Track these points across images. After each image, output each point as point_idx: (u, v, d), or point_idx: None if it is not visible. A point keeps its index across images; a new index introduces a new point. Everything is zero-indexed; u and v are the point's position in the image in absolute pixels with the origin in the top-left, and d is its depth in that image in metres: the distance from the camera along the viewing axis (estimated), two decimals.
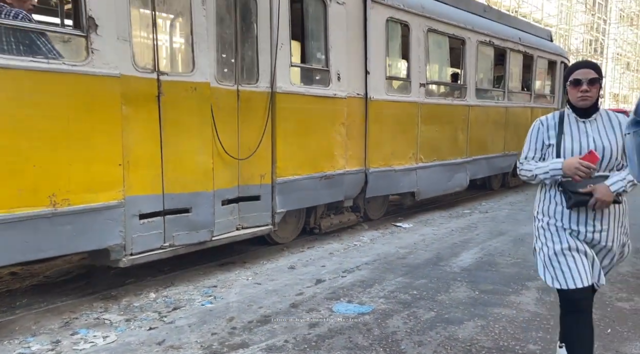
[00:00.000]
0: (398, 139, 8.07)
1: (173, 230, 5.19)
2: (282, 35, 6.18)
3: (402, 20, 8.10)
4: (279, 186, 6.22)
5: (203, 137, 5.37)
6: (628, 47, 51.64)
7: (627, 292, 4.98)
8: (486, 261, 6.08)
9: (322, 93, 6.80)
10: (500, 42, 10.65)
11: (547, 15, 38.94)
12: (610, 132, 2.92)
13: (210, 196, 5.45)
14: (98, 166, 4.54)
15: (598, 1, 48.28)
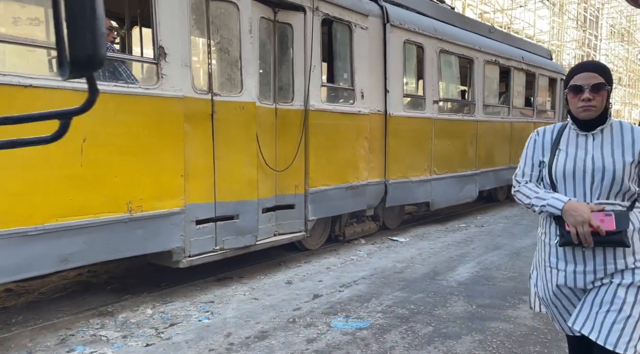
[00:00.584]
0: (414, 152, 8.68)
1: (223, 235, 5.77)
2: (315, 58, 6.78)
3: (417, 42, 8.73)
4: (311, 195, 6.80)
5: (249, 151, 5.96)
6: (619, 63, 52.08)
7: None
8: (483, 275, 6.09)
9: (348, 110, 7.42)
10: (504, 61, 11.32)
11: (539, 31, 39.34)
12: (617, 150, 2.35)
13: (254, 204, 6.04)
14: (165, 176, 5.13)
15: (589, 17, 48.70)
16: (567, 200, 2.35)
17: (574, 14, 45.47)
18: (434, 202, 9.23)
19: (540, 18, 39.61)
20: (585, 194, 2.38)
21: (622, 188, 2.34)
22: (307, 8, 6.69)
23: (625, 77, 54.08)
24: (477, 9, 30.71)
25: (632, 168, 2.35)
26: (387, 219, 8.81)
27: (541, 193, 2.46)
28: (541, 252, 2.60)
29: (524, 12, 37.20)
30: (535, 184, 2.57)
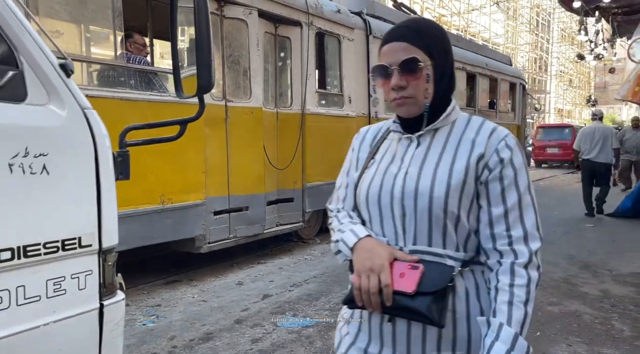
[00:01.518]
0: None
1: (235, 224, 6.50)
2: (310, 67, 7.56)
3: None
4: (308, 190, 7.59)
5: (256, 150, 6.72)
6: (570, 65, 53.82)
7: (557, 297, 5.16)
8: None
9: (338, 113, 8.23)
10: (471, 68, 12.31)
11: (494, 34, 40.35)
12: (447, 159, 1.41)
13: (262, 198, 6.81)
14: (190, 173, 5.85)
15: (541, 22, 50.24)
16: (363, 236, 1.45)
17: (527, 19, 47.01)
18: None
19: (495, 22, 40.85)
20: (396, 232, 1.45)
21: (448, 226, 1.39)
22: (304, 23, 7.47)
23: (576, 79, 56.06)
24: (434, 12, 31.50)
25: (464, 190, 1.38)
26: None
27: (345, 223, 1.55)
28: None
29: (480, 16, 38.27)
30: (348, 213, 1.61)
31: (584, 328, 4.27)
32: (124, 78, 5.41)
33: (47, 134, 1.54)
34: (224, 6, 6.37)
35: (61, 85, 1.61)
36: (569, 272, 6.09)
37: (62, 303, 1.58)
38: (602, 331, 4.22)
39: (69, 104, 1.61)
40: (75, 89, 1.66)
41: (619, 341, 3.99)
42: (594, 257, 6.80)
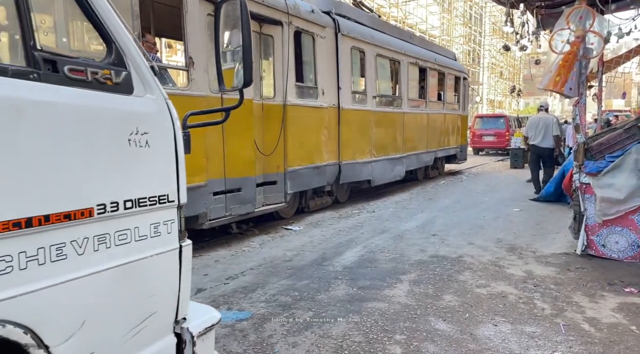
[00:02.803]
0: (359, 139, 10.35)
1: (231, 204, 7.15)
2: (290, 62, 8.26)
3: (360, 48, 10.37)
4: (289, 173, 8.29)
5: (248, 138, 7.38)
6: (500, 58, 55.64)
7: (485, 279, 5.29)
8: (367, 258, 6.21)
9: (313, 104, 8.96)
10: (423, 62, 13.28)
11: (431, 26, 40.86)
12: None
13: (253, 180, 7.49)
14: (195, 158, 6.44)
15: (474, 15, 51.19)
16: None
17: (461, 12, 47.50)
18: (374, 180, 10.99)
19: (431, 14, 41.16)
20: None
21: None
22: (284, 22, 8.14)
23: (506, 71, 58.04)
24: (373, 3, 30.91)
25: None
26: (338, 195, 10.42)
27: None
28: None
29: (417, 8, 38.57)
30: None
31: (509, 308, 4.40)
32: None
33: (147, 117, 1.99)
34: None
35: (152, 81, 2.04)
36: (497, 255, 6.28)
37: (158, 242, 2.05)
38: (525, 310, 4.36)
39: (157, 95, 2.05)
40: (159, 84, 2.09)
41: (540, 319, 4.15)
42: (519, 240, 7.08)
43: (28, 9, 1.56)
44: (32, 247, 1.53)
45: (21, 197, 1.50)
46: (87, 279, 1.72)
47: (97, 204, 1.73)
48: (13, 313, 1.48)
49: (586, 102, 6.53)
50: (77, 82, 1.69)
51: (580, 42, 6.08)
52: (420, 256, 6.24)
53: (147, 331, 1.98)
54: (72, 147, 1.67)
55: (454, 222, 8.41)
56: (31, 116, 1.54)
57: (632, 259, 5.80)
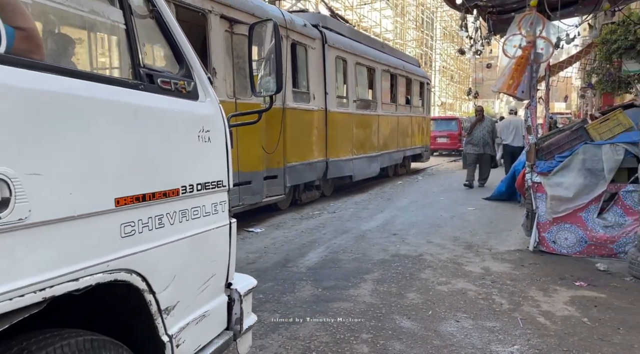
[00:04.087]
0: (343, 139, 11.25)
1: (243, 194, 7.93)
2: (288, 70, 9.09)
3: (343, 57, 11.27)
4: (288, 169, 9.12)
5: (257, 137, 8.21)
6: (451, 61, 55.69)
7: (445, 276, 5.24)
8: (331, 259, 6.07)
9: (306, 107, 9.83)
10: (393, 69, 14.28)
11: (384, 30, 40.03)
12: None
13: (261, 174, 8.34)
14: None
15: (425, 20, 50.63)
16: None
17: (414, 16, 46.76)
18: (355, 176, 11.91)
19: (385, 18, 40.56)
20: None
21: None
22: (283, 36, 8.94)
23: (457, 75, 58.21)
24: (329, 4, 29.92)
25: None
26: (325, 189, 11.28)
27: None
28: None
29: (371, 11, 38.07)
30: None
31: (469, 304, 4.39)
32: None
33: (209, 118, 2.28)
34: (234, 25, 7.80)
35: (209, 89, 2.34)
36: (455, 252, 6.25)
37: (217, 218, 2.35)
38: (484, 305, 4.35)
39: (213, 100, 2.34)
40: (214, 91, 2.39)
41: (499, 314, 4.14)
42: (475, 238, 7.05)
43: (135, 35, 1.94)
44: (145, 216, 1.86)
45: (139, 179, 1.83)
46: (176, 243, 2.04)
47: (181, 185, 2.06)
48: (135, 265, 1.80)
49: (537, 105, 6.64)
50: (166, 91, 2.04)
51: (531, 47, 6.17)
52: (382, 255, 6.16)
53: (210, 289, 2.32)
54: (165, 141, 2.00)
55: (413, 222, 8.38)
56: (143, 117, 1.87)
57: (580, 254, 5.90)
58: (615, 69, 17.19)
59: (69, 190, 1.52)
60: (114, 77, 1.91)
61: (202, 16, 7.15)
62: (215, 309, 2.37)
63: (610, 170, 5.65)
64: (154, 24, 2.13)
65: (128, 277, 1.76)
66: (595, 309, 4.16)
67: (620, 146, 5.63)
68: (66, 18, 2.20)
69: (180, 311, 2.07)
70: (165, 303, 1.97)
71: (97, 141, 1.64)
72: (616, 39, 15.54)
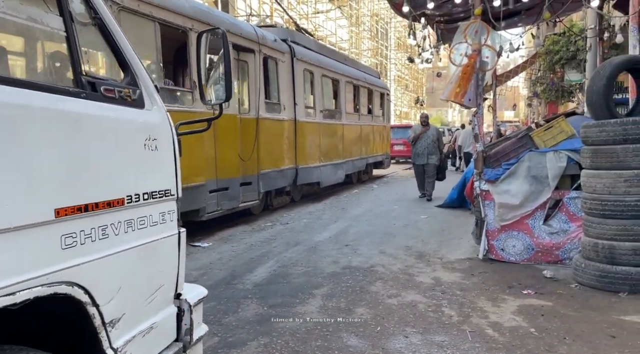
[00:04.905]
0: (311, 147, 11.34)
1: (221, 200, 8.00)
2: (260, 83, 9.18)
3: (310, 70, 11.40)
4: (261, 175, 9.18)
5: (233, 146, 8.29)
6: (405, 71, 54.86)
7: (396, 288, 4.92)
8: (280, 273, 5.58)
9: (277, 118, 9.93)
10: (356, 81, 14.43)
11: (340, 39, 38.32)
12: None
13: (238, 181, 8.42)
14: (197, 162, 7.32)
15: (380, 30, 49.71)
16: None
17: (368, 26, 45.81)
18: (322, 182, 12.02)
19: (340, 27, 39.33)
20: None
21: None
22: (256, 51, 9.08)
23: (411, 84, 57.80)
24: (283, 14, 28.23)
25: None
26: (294, 194, 11.30)
27: None
28: None
29: (326, 21, 36.48)
30: None
31: (418, 318, 4.12)
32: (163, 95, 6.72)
33: (156, 126, 2.17)
34: None
35: (156, 97, 2.23)
36: (406, 263, 5.91)
37: (165, 228, 2.22)
38: (434, 318, 4.09)
39: (160, 108, 2.23)
40: (160, 99, 2.29)
41: (449, 327, 3.90)
42: (427, 247, 6.72)
43: (76, 42, 1.81)
44: (88, 227, 1.74)
45: (81, 188, 1.72)
46: (122, 254, 1.92)
47: (127, 195, 1.94)
48: (77, 277, 1.67)
49: (483, 113, 6.37)
50: (109, 99, 1.91)
51: (477, 55, 5.95)
52: (333, 268, 5.75)
53: (158, 300, 2.18)
54: (109, 149, 1.89)
55: (366, 232, 7.92)
56: (85, 125, 1.76)
57: (527, 261, 5.69)
58: (558, 79, 17.45)
59: (3, 201, 1.43)
60: (52, 85, 1.79)
61: (183, 33, 7.21)
62: (164, 321, 2.24)
63: (554, 177, 5.53)
64: (96, 31, 2.01)
65: (69, 290, 1.63)
66: (542, 318, 4.00)
67: (563, 153, 5.52)
68: (2, 25, 2.06)
69: (126, 323, 1.95)
70: (110, 316, 1.84)
71: (34, 150, 1.54)
72: (558, 50, 15.81)
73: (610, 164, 4.54)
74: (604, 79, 4.70)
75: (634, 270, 4.36)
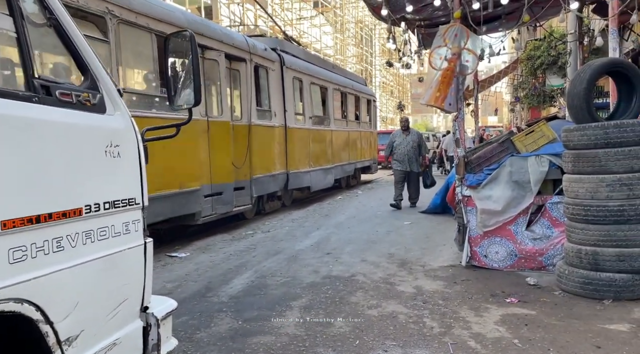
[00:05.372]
0: (301, 152, 11.29)
1: (215, 204, 7.96)
2: (252, 91, 9.14)
3: (299, 78, 11.38)
4: (254, 180, 9.15)
5: (227, 152, 8.25)
6: (390, 77, 54.58)
7: (377, 298, 4.60)
8: (257, 285, 5.17)
9: (268, 124, 9.89)
10: (343, 88, 14.43)
11: (325, 46, 37.44)
12: None
13: (231, 186, 8.37)
14: (192, 167, 7.30)
15: (364, 37, 49.25)
16: None
17: (353, 33, 45.23)
18: (312, 186, 11.96)
19: (325, 34, 38.59)
20: None
21: None
22: (247, 60, 9.09)
23: (396, 90, 56.92)
24: (268, 21, 27.66)
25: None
26: (285, 199, 11.21)
27: None
28: None
29: (311, 28, 35.62)
30: None
31: (399, 330, 3.83)
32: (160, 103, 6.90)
33: (119, 132, 2.04)
34: (204, 51, 7.84)
35: (119, 102, 2.09)
36: (388, 271, 5.54)
37: (129, 239, 2.08)
38: (415, 330, 3.81)
39: (124, 113, 2.10)
40: (124, 104, 2.15)
41: (430, 339, 3.63)
42: (410, 254, 6.33)
43: (28, 44, 1.68)
44: (40, 240, 1.61)
45: (32, 198, 1.59)
46: (79, 267, 1.77)
47: (85, 204, 1.80)
48: (27, 293, 1.54)
49: (464, 117, 6.05)
50: (66, 103, 1.79)
51: (457, 59, 5.62)
52: (313, 277, 5.37)
53: (121, 314, 2.03)
54: (65, 157, 1.76)
55: (349, 239, 7.45)
56: (37, 131, 1.63)
57: (511, 268, 5.38)
58: (540, 84, 17.14)
59: None
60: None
61: None
62: (129, 336, 2.08)
63: (536, 182, 5.25)
64: (52, 32, 1.87)
65: (18, 307, 1.50)
66: (525, 328, 3.74)
67: (545, 158, 5.25)
68: None
69: (85, 340, 1.80)
70: (66, 333, 1.70)
71: None
72: (540, 55, 15.60)
73: (592, 169, 4.32)
74: (584, 82, 4.47)
75: (618, 276, 4.17)
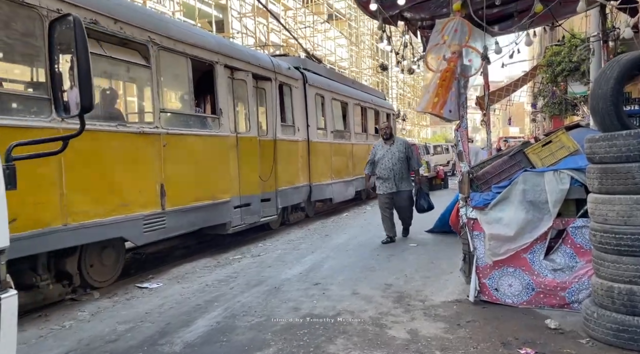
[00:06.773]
0: (324, 165, 10.84)
1: (244, 215, 7.63)
2: (276, 107, 8.77)
3: (321, 94, 10.93)
4: (279, 192, 8.75)
5: (254, 165, 7.90)
6: (408, 89, 50.06)
7: (360, 348, 3.46)
8: (222, 327, 3.93)
9: (292, 139, 9.48)
10: (363, 103, 13.83)
11: (339, 58, 34.21)
12: None
13: (259, 197, 8.03)
14: (223, 180, 7.03)
15: (380, 48, 43.15)
16: None
17: (368, 45, 40.64)
18: (334, 198, 11.44)
19: (340, 46, 34.92)
20: None
21: None
22: (272, 79, 8.73)
23: (413, 102, 49.80)
24: (280, 34, 25.32)
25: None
26: (308, 210, 10.67)
27: None
28: None
29: (325, 40, 32.21)
30: None
31: None
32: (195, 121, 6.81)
33: None
34: (234, 72, 7.58)
35: None
36: (381, 308, 4.25)
37: None
38: None
39: None
40: None
41: None
42: (410, 285, 4.96)
43: None
44: None
45: None
46: None
47: None
48: None
49: (467, 126, 4.61)
50: None
51: (457, 58, 4.33)
52: (290, 317, 4.10)
53: None
54: None
55: (344, 265, 5.99)
56: None
57: (527, 304, 4.09)
58: (561, 92, 15.01)
59: None
60: None
61: (210, 66, 7.04)
62: None
63: (555, 202, 3.91)
64: None
65: None
66: None
67: (565, 173, 3.92)
68: None
69: None
70: None
71: None
72: (560, 61, 13.42)
73: (624, 187, 3.15)
74: (611, 81, 3.27)
75: None
